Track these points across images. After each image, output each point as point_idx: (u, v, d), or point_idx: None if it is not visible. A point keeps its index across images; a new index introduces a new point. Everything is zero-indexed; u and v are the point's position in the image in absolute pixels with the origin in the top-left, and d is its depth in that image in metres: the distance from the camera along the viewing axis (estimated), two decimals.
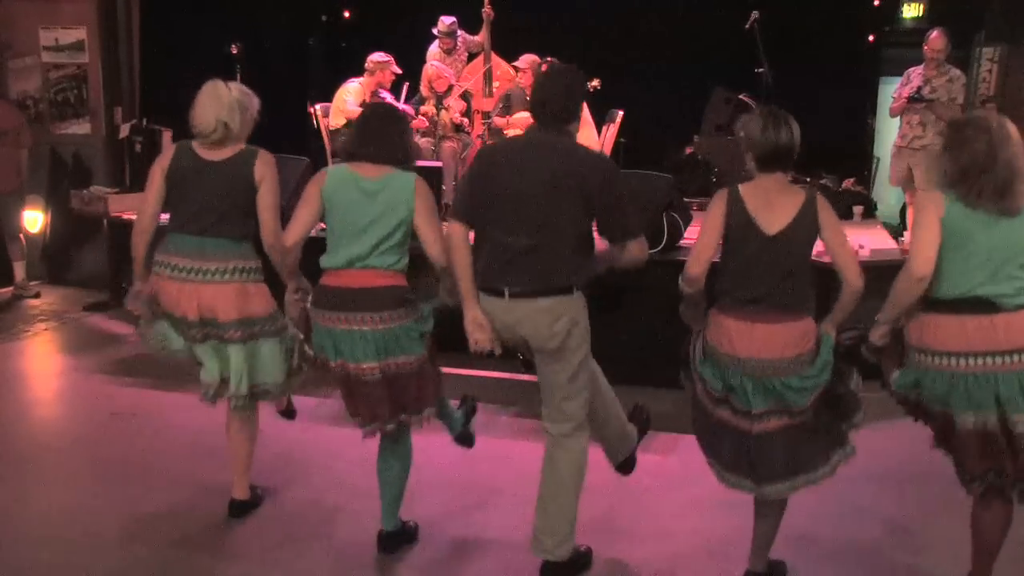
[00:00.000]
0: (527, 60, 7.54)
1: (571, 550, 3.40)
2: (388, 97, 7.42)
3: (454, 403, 3.88)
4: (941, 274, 2.97)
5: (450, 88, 7.52)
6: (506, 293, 3.22)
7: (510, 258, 3.21)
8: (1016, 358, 2.92)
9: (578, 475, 3.39)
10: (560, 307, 3.20)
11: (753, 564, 3.37)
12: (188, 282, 3.60)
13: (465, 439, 3.92)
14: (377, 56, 7.39)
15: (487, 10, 7.77)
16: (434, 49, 8.11)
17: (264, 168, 3.63)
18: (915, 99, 6.52)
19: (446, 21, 7.97)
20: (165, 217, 3.75)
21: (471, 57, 8.26)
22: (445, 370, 3.75)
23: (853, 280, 3.08)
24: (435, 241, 3.36)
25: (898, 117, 6.79)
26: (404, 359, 3.38)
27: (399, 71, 7.44)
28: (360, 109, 7.12)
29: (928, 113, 6.51)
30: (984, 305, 2.94)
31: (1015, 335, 2.92)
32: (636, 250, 3.28)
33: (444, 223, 3.43)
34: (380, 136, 3.40)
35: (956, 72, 6.56)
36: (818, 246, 3.51)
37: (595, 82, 7.45)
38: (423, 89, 7.62)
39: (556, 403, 3.36)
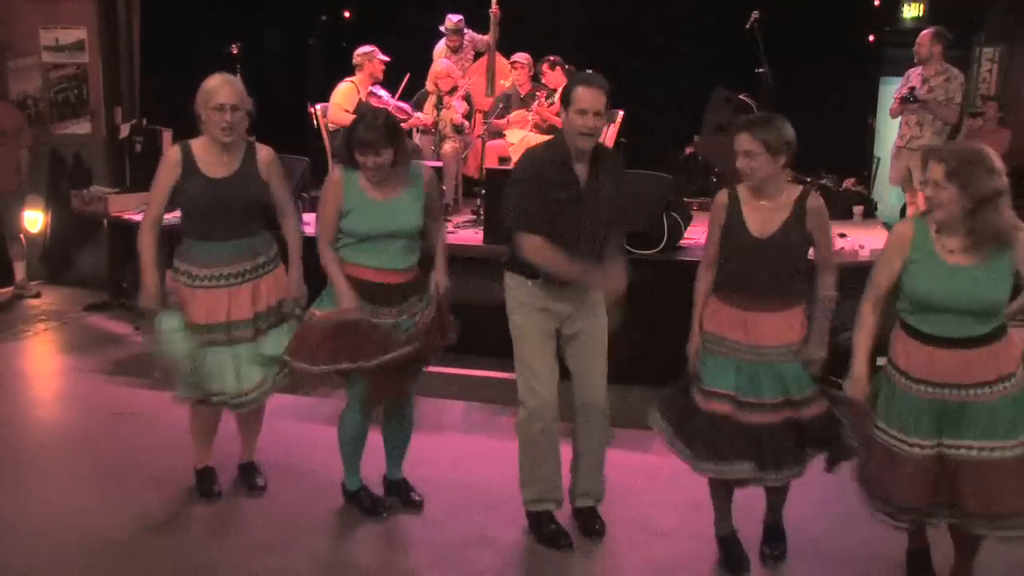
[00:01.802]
0: (522, 57, 7.55)
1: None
2: (384, 95, 7.40)
3: None
4: None
5: (454, 88, 7.51)
6: None
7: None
8: None
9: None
10: None
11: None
12: None
13: None
14: (361, 49, 7.38)
15: (494, 9, 7.77)
16: (440, 47, 8.10)
17: None
18: (907, 100, 6.54)
19: (453, 19, 7.97)
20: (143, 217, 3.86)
21: (477, 56, 8.25)
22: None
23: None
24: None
25: (898, 117, 6.79)
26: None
27: (387, 58, 7.42)
28: (350, 115, 7.12)
29: (925, 113, 6.51)
30: None
31: None
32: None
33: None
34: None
35: (954, 72, 6.54)
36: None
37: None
38: (429, 85, 7.62)
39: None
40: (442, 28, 8.03)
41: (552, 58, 7.52)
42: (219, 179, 3.66)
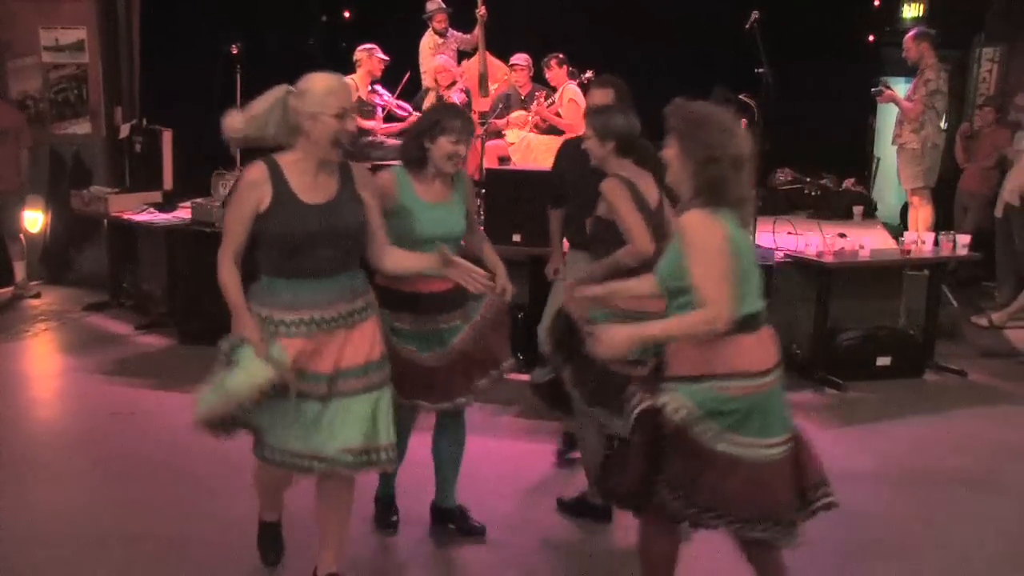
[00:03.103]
0: (522, 59, 7.55)
1: None
2: (385, 94, 7.40)
3: None
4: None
5: (453, 83, 7.51)
6: None
7: None
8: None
9: None
10: None
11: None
12: None
13: None
14: (362, 47, 7.39)
15: (481, 10, 7.77)
16: (426, 40, 8.10)
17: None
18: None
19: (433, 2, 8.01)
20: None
21: (462, 55, 8.24)
22: None
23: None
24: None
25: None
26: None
27: (385, 57, 7.43)
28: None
29: (902, 112, 6.66)
30: None
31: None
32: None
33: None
34: None
35: (930, 73, 6.57)
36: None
37: (588, 73, 7.45)
38: (428, 80, 7.61)
39: None
40: (425, 15, 8.03)
41: (560, 55, 7.53)
42: (320, 205, 2.94)
